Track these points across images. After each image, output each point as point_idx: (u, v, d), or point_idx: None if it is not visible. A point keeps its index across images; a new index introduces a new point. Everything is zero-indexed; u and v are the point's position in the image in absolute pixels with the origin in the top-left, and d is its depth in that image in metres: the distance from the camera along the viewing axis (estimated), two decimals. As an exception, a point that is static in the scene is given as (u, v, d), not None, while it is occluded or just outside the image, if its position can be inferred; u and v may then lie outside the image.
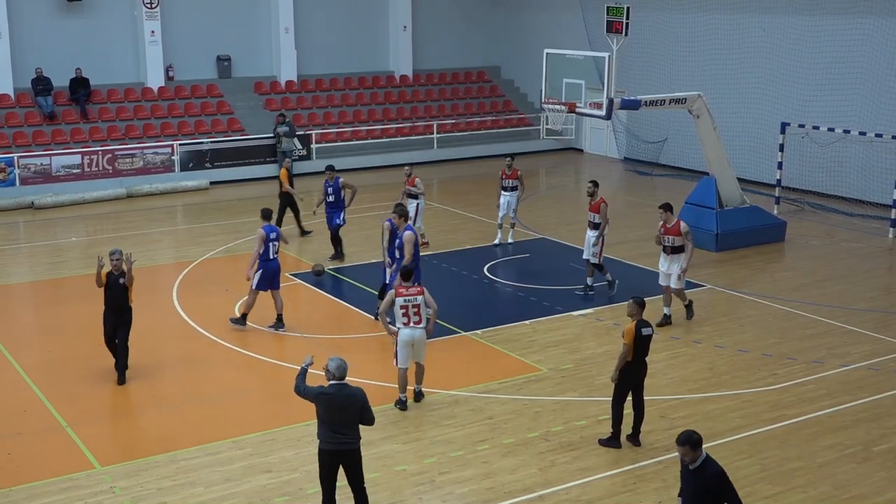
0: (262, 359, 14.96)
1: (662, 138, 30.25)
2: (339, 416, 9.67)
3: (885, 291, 18.67)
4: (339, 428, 9.69)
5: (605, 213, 17.60)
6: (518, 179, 20.78)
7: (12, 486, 11.13)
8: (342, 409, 9.65)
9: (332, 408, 9.66)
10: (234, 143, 29.10)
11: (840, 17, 25.18)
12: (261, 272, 15.89)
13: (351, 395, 9.71)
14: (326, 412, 9.69)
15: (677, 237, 16.10)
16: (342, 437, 9.72)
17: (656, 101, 20.70)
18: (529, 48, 33.45)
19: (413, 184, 20.65)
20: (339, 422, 9.68)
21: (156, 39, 30.18)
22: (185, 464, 11.66)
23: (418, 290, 12.98)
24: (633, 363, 11.82)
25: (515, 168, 20.87)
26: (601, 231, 17.64)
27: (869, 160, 24.68)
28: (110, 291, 13.95)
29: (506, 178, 20.82)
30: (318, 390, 9.73)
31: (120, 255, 13.95)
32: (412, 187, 20.65)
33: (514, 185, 20.79)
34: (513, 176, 20.76)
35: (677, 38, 29.41)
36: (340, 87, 33.33)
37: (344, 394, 9.67)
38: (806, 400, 13.52)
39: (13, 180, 26.04)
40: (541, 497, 10.93)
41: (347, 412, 9.67)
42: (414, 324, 12.92)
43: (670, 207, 16.27)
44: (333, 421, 9.68)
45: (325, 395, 9.68)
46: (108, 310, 14.02)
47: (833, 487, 11.17)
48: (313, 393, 9.74)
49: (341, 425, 9.68)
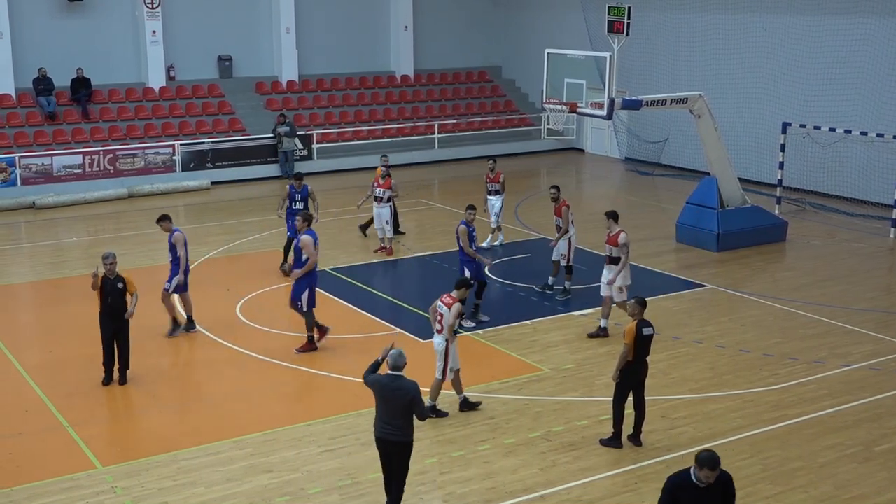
0: (263, 359, 14.96)
1: (664, 138, 30.25)
2: (388, 405, 9.90)
3: (886, 291, 18.67)
4: (387, 418, 9.95)
5: (566, 217, 17.52)
6: (500, 183, 20.64)
7: (13, 485, 11.14)
8: (391, 400, 9.89)
9: (383, 397, 9.95)
10: (236, 143, 29.11)
11: (841, 16, 25.16)
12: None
13: (401, 387, 9.91)
14: (378, 401, 10.00)
15: (615, 247, 15.57)
16: (389, 427, 9.96)
17: (657, 101, 20.70)
18: (530, 48, 33.45)
19: (498, 180, 20.72)
20: (388, 411, 9.93)
21: (157, 39, 30.20)
22: (186, 464, 11.66)
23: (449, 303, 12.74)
24: (634, 363, 11.82)
25: (498, 171, 20.79)
26: (561, 234, 17.56)
27: (870, 160, 24.67)
28: (108, 297, 13.67)
29: (489, 182, 20.79)
30: (374, 378, 10.01)
31: (114, 259, 13.72)
32: (388, 189, 20.37)
33: (496, 189, 20.69)
34: (495, 179, 20.68)
35: (678, 38, 29.41)
36: (341, 87, 33.33)
37: (395, 385, 9.91)
38: (807, 400, 13.52)
39: (14, 180, 26.06)
40: (542, 497, 10.93)
41: (396, 403, 9.87)
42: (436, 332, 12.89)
43: (615, 216, 15.80)
44: (384, 410, 9.96)
45: (377, 383, 9.97)
46: (106, 315, 13.72)
47: (834, 487, 11.16)
48: (370, 381, 10.04)
49: (390, 415, 9.93)
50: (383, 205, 20.18)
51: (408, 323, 16.55)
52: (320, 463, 11.68)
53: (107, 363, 13.86)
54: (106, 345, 13.82)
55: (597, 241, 21.03)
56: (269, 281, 18.84)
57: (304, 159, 29.81)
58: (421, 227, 23.06)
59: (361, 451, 11.94)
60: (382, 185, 20.13)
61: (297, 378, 14.29)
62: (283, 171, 29.08)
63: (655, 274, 19.52)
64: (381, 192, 20.12)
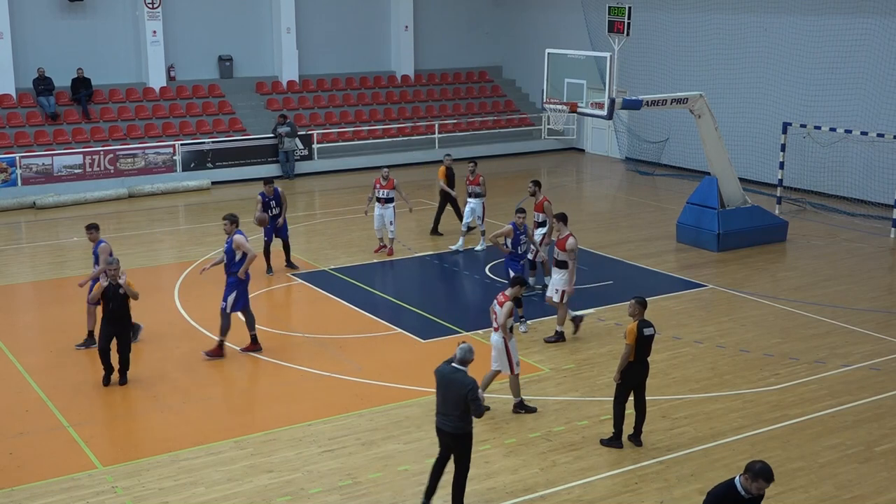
0: (264, 359, 14.96)
1: (664, 138, 30.25)
2: (444, 396, 10.16)
3: (886, 291, 18.67)
4: (443, 409, 10.19)
5: (549, 212, 17.48)
6: (480, 185, 20.35)
7: (14, 485, 11.14)
8: (447, 391, 10.12)
9: (439, 386, 10.22)
10: (236, 144, 29.11)
11: (842, 16, 25.17)
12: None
13: (457, 380, 10.12)
14: (437, 391, 10.27)
15: (562, 252, 15.33)
16: (443, 417, 10.22)
17: (658, 100, 20.70)
18: (531, 48, 33.46)
19: (392, 186, 20.19)
20: (444, 402, 10.16)
21: (157, 39, 30.20)
22: (187, 464, 11.66)
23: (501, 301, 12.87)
24: (635, 363, 11.82)
25: (479, 173, 20.49)
26: (550, 230, 17.50)
27: (870, 160, 24.67)
28: (111, 302, 13.65)
29: (469, 185, 20.46)
30: (438, 368, 10.28)
31: (118, 265, 13.71)
32: (391, 189, 20.18)
33: (477, 192, 20.41)
34: (475, 182, 20.37)
35: (679, 38, 29.41)
36: (342, 87, 33.33)
37: (453, 377, 10.12)
38: (808, 400, 13.52)
39: (15, 180, 26.06)
40: (542, 497, 10.93)
41: (451, 395, 10.09)
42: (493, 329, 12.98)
43: (564, 218, 15.65)
44: (440, 401, 10.21)
45: (439, 373, 10.26)
46: (107, 322, 13.70)
47: (835, 487, 11.16)
48: (436, 371, 10.28)
49: (446, 406, 10.16)
50: (386, 206, 20.15)
51: (408, 323, 16.55)
52: (321, 463, 11.69)
53: (107, 365, 13.87)
54: (104, 350, 13.79)
55: (598, 242, 21.09)
56: (269, 281, 18.84)
57: (305, 159, 29.82)
58: (421, 227, 23.05)
59: (362, 451, 11.95)
60: (385, 185, 20.10)
61: (298, 378, 14.29)
62: (283, 172, 29.09)
63: (656, 274, 19.53)
64: (384, 192, 20.10)
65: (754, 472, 7.86)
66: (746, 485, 7.91)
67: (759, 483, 7.86)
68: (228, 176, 28.67)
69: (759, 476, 7.85)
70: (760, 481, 7.85)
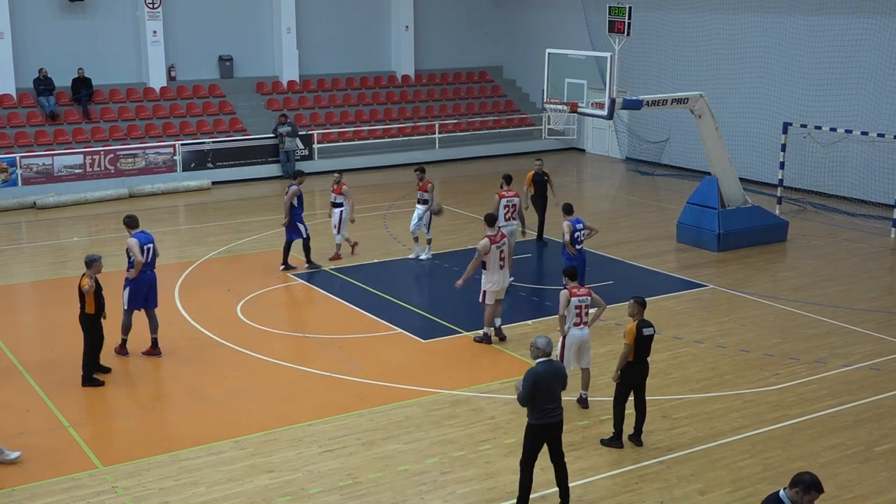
0: (264, 359, 14.96)
1: (664, 138, 30.25)
2: (549, 390, 10.19)
3: (887, 291, 18.66)
4: (550, 402, 10.22)
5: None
6: (429, 192, 19.66)
7: (14, 485, 11.14)
8: (552, 382, 10.22)
9: (545, 383, 10.17)
10: (236, 144, 29.11)
11: (842, 16, 25.16)
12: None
13: (559, 369, 10.40)
14: (540, 390, 10.14)
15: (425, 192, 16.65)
16: (552, 411, 10.26)
17: (658, 100, 20.70)
18: (531, 48, 33.46)
19: (340, 191, 19.77)
20: (551, 396, 10.22)
21: (157, 39, 30.20)
22: (188, 464, 11.67)
23: (587, 291, 13.03)
24: (635, 363, 11.82)
25: (427, 180, 19.73)
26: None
27: (871, 160, 24.67)
28: (101, 298, 13.95)
29: (418, 191, 19.90)
30: (536, 377, 10.12)
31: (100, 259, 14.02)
32: (339, 195, 19.77)
33: (424, 199, 19.72)
34: (423, 188, 19.69)
35: (679, 38, 29.40)
36: (342, 87, 33.34)
37: (554, 368, 10.31)
38: (808, 400, 13.52)
39: (15, 180, 26.06)
40: (543, 497, 10.93)
41: (555, 384, 10.25)
42: (584, 324, 13.00)
43: (488, 219, 15.48)
44: (546, 397, 10.18)
45: (537, 374, 10.16)
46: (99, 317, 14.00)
47: (835, 488, 11.16)
48: (530, 383, 10.11)
49: (552, 398, 10.23)
50: (335, 211, 19.81)
51: (408, 323, 16.55)
52: (321, 463, 11.69)
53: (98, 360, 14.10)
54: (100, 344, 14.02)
55: (598, 242, 21.04)
56: (269, 281, 18.84)
57: (305, 159, 29.82)
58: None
59: (362, 451, 11.95)
60: (335, 190, 19.74)
61: (298, 378, 14.29)
62: (284, 172, 29.10)
63: (656, 274, 19.53)
64: (334, 197, 19.76)
65: (806, 485, 7.43)
66: (797, 499, 7.48)
67: (811, 495, 7.45)
68: (229, 176, 28.67)
69: (811, 488, 7.43)
70: (813, 493, 7.44)
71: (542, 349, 10.25)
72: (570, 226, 16.54)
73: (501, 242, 15.30)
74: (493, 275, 15.23)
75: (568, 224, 16.56)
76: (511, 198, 18.71)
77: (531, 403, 10.19)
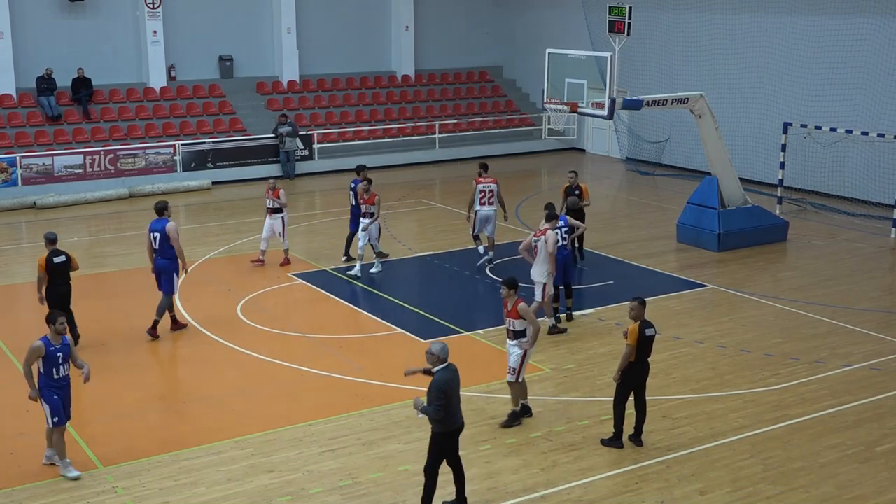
0: (264, 359, 14.96)
1: (664, 138, 30.24)
2: (457, 395, 10.24)
3: (887, 291, 18.66)
4: (458, 408, 10.27)
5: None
6: (376, 205, 18.71)
7: (15, 485, 11.15)
8: (456, 387, 10.24)
9: (455, 389, 10.19)
10: (236, 143, 29.12)
11: (842, 16, 25.17)
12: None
13: (456, 370, 10.32)
14: (451, 396, 10.11)
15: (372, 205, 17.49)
16: (458, 414, 10.28)
17: (658, 100, 20.69)
18: (531, 48, 33.45)
19: (277, 196, 19.38)
20: (458, 401, 10.26)
21: (158, 39, 30.20)
22: (188, 464, 11.67)
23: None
24: (636, 363, 11.81)
25: (374, 192, 18.72)
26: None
27: (871, 160, 24.67)
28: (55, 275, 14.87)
29: (363, 203, 18.82)
30: (444, 386, 10.04)
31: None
32: (277, 199, 19.37)
33: (370, 211, 18.73)
34: (369, 201, 18.70)
35: (679, 38, 29.40)
36: (342, 87, 33.34)
37: (454, 372, 10.26)
38: (808, 400, 13.51)
39: (15, 180, 26.06)
40: (543, 497, 10.93)
41: (458, 388, 10.29)
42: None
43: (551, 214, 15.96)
44: (456, 402, 10.21)
45: (447, 382, 10.10)
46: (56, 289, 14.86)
47: (836, 488, 11.16)
48: (441, 392, 10.01)
49: (458, 402, 10.26)
50: (274, 216, 19.40)
51: (408, 323, 16.55)
52: (321, 463, 11.69)
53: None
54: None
55: (598, 242, 21.09)
56: (270, 281, 18.84)
57: (305, 159, 29.82)
58: (421, 227, 23.06)
59: (362, 451, 11.95)
60: (272, 195, 19.37)
61: (298, 378, 14.30)
62: (284, 172, 29.10)
63: (656, 274, 19.53)
64: (270, 202, 19.37)
65: None
66: None
67: None
68: (229, 176, 28.67)
69: None
70: None
71: (438, 355, 10.17)
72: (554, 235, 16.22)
73: (539, 238, 15.62)
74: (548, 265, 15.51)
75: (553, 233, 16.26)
76: (488, 184, 19.05)
77: (445, 413, 10.07)
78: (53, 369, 11.32)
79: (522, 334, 12.33)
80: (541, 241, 15.46)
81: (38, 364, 11.30)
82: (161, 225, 15.69)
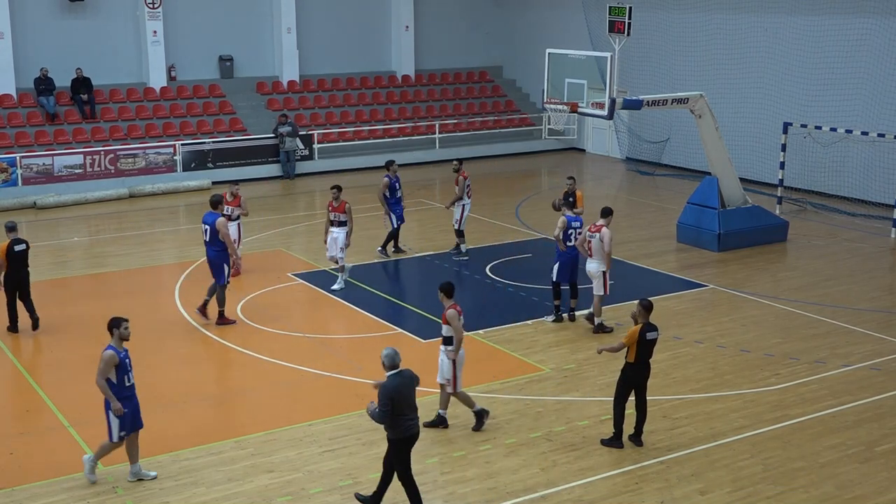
0: (265, 359, 14.96)
1: (664, 138, 30.24)
2: (406, 401, 10.16)
3: (887, 291, 18.66)
4: (411, 411, 10.21)
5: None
6: (346, 213, 17.90)
7: (15, 485, 11.14)
8: (411, 392, 10.25)
9: (408, 393, 10.20)
10: (236, 143, 29.11)
11: (842, 16, 25.16)
12: None
13: (410, 376, 10.34)
14: (401, 400, 10.09)
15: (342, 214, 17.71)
16: (409, 420, 10.20)
17: (658, 100, 20.70)
18: (531, 48, 33.44)
19: (238, 204, 18.76)
20: (411, 406, 10.22)
21: (158, 39, 30.20)
22: (188, 463, 11.67)
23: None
24: (637, 364, 11.81)
25: (343, 200, 17.95)
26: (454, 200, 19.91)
27: (871, 160, 24.67)
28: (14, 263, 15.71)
29: (331, 211, 18.02)
30: (392, 392, 10.01)
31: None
32: (237, 207, 18.74)
33: (341, 220, 17.95)
34: (339, 209, 17.91)
35: (679, 38, 29.40)
36: (342, 87, 33.34)
37: (406, 377, 10.27)
38: (808, 400, 13.51)
39: (15, 180, 26.06)
40: (543, 497, 10.93)
41: (412, 394, 10.27)
42: None
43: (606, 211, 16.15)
44: (408, 406, 10.16)
45: (397, 388, 10.09)
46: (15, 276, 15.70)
47: (836, 487, 11.16)
48: (388, 398, 9.98)
49: (410, 408, 10.21)
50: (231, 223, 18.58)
51: (408, 323, 16.55)
52: (321, 463, 11.69)
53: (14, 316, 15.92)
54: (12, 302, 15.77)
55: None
56: (269, 281, 18.83)
57: (305, 159, 29.82)
58: (422, 227, 23.06)
59: (362, 451, 11.95)
60: (231, 202, 18.74)
61: (298, 378, 14.30)
62: (284, 172, 29.11)
63: (656, 274, 19.53)
64: (230, 209, 18.65)
65: None
66: None
67: None
68: (229, 176, 28.52)
69: None
70: None
71: (385, 362, 10.25)
72: (564, 221, 16.38)
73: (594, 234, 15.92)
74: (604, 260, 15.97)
75: (563, 219, 16.41)
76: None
77: (390, 420, 10.04)
78: (125, 377, 10.98)
79: (450, 341, 12.24)
80: (595, 237, 15.82)
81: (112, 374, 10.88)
82: (213, 218, 16.11)
